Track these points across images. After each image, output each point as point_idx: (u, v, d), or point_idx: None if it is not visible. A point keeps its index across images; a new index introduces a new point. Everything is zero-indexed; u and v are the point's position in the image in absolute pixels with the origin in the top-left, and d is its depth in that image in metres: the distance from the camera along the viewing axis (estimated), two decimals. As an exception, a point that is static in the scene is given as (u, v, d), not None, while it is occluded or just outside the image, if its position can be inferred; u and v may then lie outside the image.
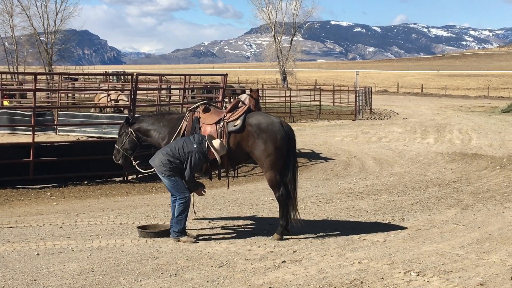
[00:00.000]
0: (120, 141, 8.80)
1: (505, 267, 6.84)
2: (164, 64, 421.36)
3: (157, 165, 7.75)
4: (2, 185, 11.89)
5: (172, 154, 7.69)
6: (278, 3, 78.69)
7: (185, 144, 7.75)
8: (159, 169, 7.73)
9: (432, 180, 13.74)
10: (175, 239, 7.74)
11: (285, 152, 8.02)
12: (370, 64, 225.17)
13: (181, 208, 7.72)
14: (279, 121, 8.17)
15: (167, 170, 7.68)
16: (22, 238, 7.98)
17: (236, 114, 8.16)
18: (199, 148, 7.70)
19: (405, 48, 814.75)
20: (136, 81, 13.90)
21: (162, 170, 7.71)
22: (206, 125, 8.18)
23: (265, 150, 7.95)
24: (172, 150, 7.73)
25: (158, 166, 7.74)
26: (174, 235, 7.76)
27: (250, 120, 8.08)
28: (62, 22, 66.04)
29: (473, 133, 24.17)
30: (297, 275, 6.45)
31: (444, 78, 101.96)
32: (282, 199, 8.02)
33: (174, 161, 7.68)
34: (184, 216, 7.75)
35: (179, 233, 7.74)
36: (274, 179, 8.02)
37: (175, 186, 7.73)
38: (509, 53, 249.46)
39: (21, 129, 20.81)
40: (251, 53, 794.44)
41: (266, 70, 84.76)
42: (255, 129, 7.99)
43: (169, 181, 7.73)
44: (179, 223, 7.74)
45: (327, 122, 30.44)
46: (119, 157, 8.84)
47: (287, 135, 8.05)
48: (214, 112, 8.37)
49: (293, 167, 8.07)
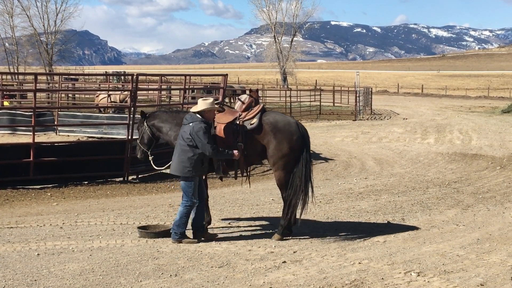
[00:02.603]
0: (139, 136, 8.77)
1: (506, 268, 6.83)
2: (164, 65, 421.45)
3: (178, 168, 7.66)
4: (2, 185, 11.90)
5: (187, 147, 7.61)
6: (279, 3, 78.67)
7: (184, 133, 7.69)
8: (182, 170, 7.65)
9: (433, 180, 13.73)
10: (176, 241, 7.73)
11: (298, 154, 7.97)
12: (370, 64, 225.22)
13: (185, 210, 7.69)
14: (295, 122, 8.15)
15: (189, 170, 7.62)
16: (22, 238, 7.98)
17: (252, 113, 8.12)
18: (194, 121, 7.65)
19: (405, 49, 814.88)
20: (137, 81, 13.91)
21: (185, 171, 7.63)
22: (221, 124, 8.11)
23: (280, 149, 7.91)
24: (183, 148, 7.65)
25: (180, 168, 7.66)
26: (176, 237, 7.74)
27: (267, 118, 8.04)
28: (62, 23, 66.04)
29: (474, 133, 24.17)
30: (298, 275, 6.44)
31: (444, 78, 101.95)
32: (288, 199, 8.00)
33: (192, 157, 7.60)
34: (187, 220, 7.74)
35: (180, 235, 7.73)
36: (283, 179, 8.00)
37: (189, 189, 7.68)
38: (509, 54, 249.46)
39: (21, 129, 20.85)
40: (251, 54, 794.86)
41: (266, 71, 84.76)
42: (272, 128, 7.95)
43: (185, 183, 7.67)
44: (181, 226, 7.72)
45: (327, 123, 30.44)
46: (139, 152, 8.77)
47: (302, 136, 8.02)
48: (229, 112, 8.32)
49: (307, 168, 8.00)
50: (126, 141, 13.49)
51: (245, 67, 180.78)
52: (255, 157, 8.33)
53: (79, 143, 15.99)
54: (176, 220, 7.76)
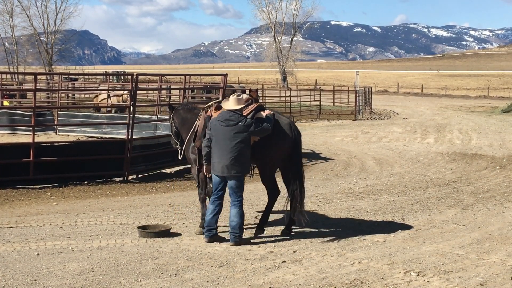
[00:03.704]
0: (170, 129, 8.97)
1: (505, 267, 6.84)
2: (164, 64, 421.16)
3: (234, 170, 7.56)
4: (2, 185, 11.90)
5: (242, 146, 7.56)
6: (278, 3, 78.80)
7: (234, 132, 7.59)
8: (238, 170, 7.57)
9: (432, 180, 13.74)
10: (237, 243, 7.60)
11: (287, 155, 8.01)
12: (370, 64, 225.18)
13: (241, 209, 7.64)
14: (288, 122, 8.15)
15: (247, 167, 7.70)
16: (22, 238, 7.98)
17: (245, 112, 8.15)
18: (241, 120, 7.66)
19: (405, 48, 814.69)
20: (136, 81, 13.90)
21: (241, 172, 7.61)
22: None
23: (268, 148, 7.94)
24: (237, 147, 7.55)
25: (236, 169, 7.56)
26: (237, 239, 7.61)
27: (260, 118, 8.07)
28: (62, 22, 66.16)
29: (473, 133, 24.18)
30: (297, 275, 6.45)
31: (444, 78, 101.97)
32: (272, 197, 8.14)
33: (248, 154, 7.63)
34: None
35: (241, 235, 7.68)
36: (268, 178, 8.08)
37: (241, 186, 7.69)
38: (509, 53, 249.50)
39: (21, 129, 20.86)
40: (251, 53, 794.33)
41: (266, 70, 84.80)
42: None
43: (237, 182, 7.63)
44: (242, 227, 7.67)
45: (327, 122, 30.45)
46: (173, 143, 8.96)
47: (294, 138, 8.04)
48: None
49: (297, 168, 8.03)
50: (126, 141, 13.49)
51: (245, 66, 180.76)
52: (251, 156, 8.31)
53: (79, 143, 15.99)
54: (238, 223, 7.58)
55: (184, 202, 10.80)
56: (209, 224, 7.71)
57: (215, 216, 7.71)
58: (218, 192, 7.73)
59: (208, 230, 7.72)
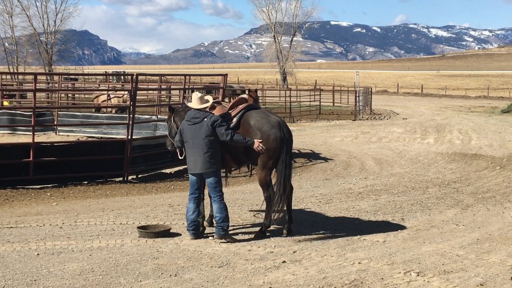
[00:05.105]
0: (168, 129, 9.06)
1: (505, 267, 6.84)
2: (164, 64, 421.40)
3: (208, 166, 7.73)
4: (2, 185, 11.90)
5: (210, 142, 7.72)
6: (278, 3, 78.80)
7: (199, 131, 7.76)
8: (212, 166, 7.73)
9: (432, 180, 13.74)
10: (221, 237, 7.76)
11: (278, 154, 7.95)
12: (370, 64, 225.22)
13: (223, 203, 7.80)
14: (277, 121, 8.07)
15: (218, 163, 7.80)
16: (22, 238, 7.98)
17: (234, 112, 8.17)
18: (206, 116, 7.80)
19: (405, 48, 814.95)
20: (136, 81, 13.90)
21: (215, 167, 7.77)
22: None
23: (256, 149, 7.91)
24: (205, 144, 7.73)
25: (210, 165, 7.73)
26: (222, 232, 7.77)
27: (247, 118, 8.07)
28: (62, 22, 66.18)
29: (473, 133, 24.18)
30: (297, 275, 6.45)
31: (444, 78, 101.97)
32: (269, 200, 8.03)
33: (217, 150, 7.77)
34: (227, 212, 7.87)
35: (227, 230, 7.83)
36: (264, 179, 8.03)
37: (219, 182, 7.84)
38: (509, 54, 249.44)
39: (21, 129, 20.86)
40: (251, 53, 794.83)
41: (266, 71, 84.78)
42: (250, 128, 7.97)
43: (215, 178, 7.78)
44: (226, 220, 7.80)
45: (327, 122, 30.45)
46: (169, 144, 8.98)
47: (283, 137, 7.95)
48: (219, 109, 8.37)
49: (286, 170, 7.95)
50: (126, 141, 13.49)
51: (244, 67, 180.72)
52: (241, 156, 8.24)
53: (79, 143, 16.00)
54: (221, 217, 7.74)
55: (184, 202, 10.78)
56: (193, 221, 7.88)
57: (195, 213, 7.89)
58: (196, 191, 7.93)
59: (195, 229, 7.88)
